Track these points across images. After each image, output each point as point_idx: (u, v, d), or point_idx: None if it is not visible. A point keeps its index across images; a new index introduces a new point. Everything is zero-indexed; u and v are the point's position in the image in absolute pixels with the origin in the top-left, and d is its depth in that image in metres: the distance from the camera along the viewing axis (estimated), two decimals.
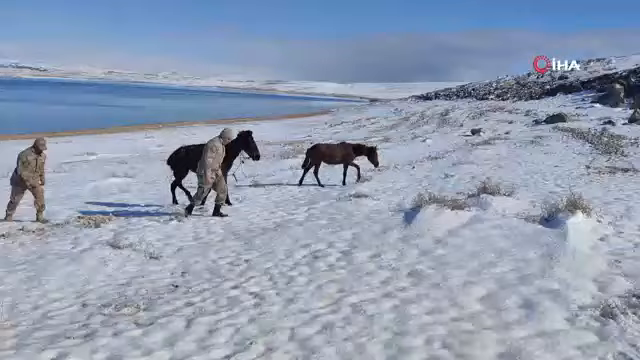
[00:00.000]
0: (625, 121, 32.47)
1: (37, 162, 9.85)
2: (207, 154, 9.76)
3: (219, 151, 9.86)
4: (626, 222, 8.33)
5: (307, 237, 8.24)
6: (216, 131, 9.50)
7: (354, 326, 4.89)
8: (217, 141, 9.90)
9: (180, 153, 11.78)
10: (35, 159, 9.81)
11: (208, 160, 9.75)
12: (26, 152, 9.84)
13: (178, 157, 11.71)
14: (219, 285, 6.32)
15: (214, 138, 10.02)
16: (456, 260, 6.70)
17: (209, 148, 9.80)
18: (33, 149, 9.86)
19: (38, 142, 9.93)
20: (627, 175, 13.30)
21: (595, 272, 5.98)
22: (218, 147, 9.85)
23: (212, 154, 9.76)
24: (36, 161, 9.83)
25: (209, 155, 9.75)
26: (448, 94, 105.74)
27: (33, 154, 9.82)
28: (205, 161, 9.77)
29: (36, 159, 9.83)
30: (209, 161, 9.75)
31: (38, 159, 9.87)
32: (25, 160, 9.72)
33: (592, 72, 77.36)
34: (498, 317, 4.90)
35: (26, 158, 9.73)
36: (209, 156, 9.74)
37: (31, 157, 9.77)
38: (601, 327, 4.55)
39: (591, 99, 55.32)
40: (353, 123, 55.87)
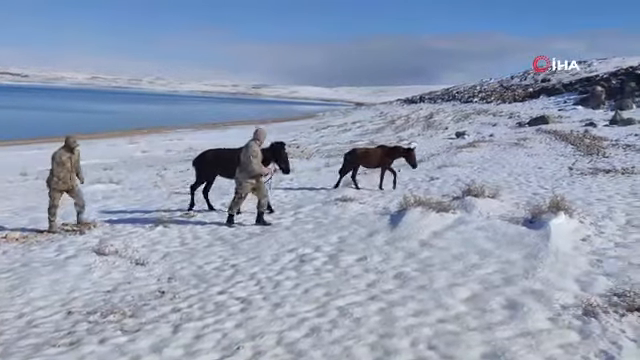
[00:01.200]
0: (606, 123, 32.95)
1: (71, 161, 9.53)
2: (251, 161, 9.13)
3: (259, 155, 9.32)
4: (607, 222, 8.47)
5: (294, 241, 8.26)
6: (203, 136, 9.31)
7: (341, 329, 4.92)
8: (255, 145, 9.30)
9: (208, 156, 11.23)
10: (69, 158, 9.48)
11: (254, 167, 9.18)
12: (59, 152, 9.48)
13: (205, 161, 11.18)
14: (206, 290, 6.32)
15: (250, 143, 9.34)
16: (441, 262, 6.77)
17: (251, 154, 9.16)
18: (65, 148, 9.51)
19: (69, 140, 9.55)
20: (609, 176, 13.50)
21: (577, 272, 6.08)
22: (258, 151, 9.28)
23: (256, 159, 9.17)
24: (70, 160, 9.50)
25: (254, 162, 9.15)
26: (433, 97, 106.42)
27: (66, 153, 9.47)
28: (250, 168, 9.18)
29: (70, 158, 9.50)
30: (255, 168, 9.19)
31: (72, 157, 9.54)
32: (60, 161, 9.39)
33: (574, 75, 78.36)
34: (483, 318, 4.97)
35: (60, 158, 9.40)
36: (254, 162, 9.15)
37: (65, 157, 9.43)
38: (583, 326, 4.63)
39: (573, 101, 56.05)
40: (339, 127, 56.00)
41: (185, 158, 27.62)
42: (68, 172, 9.47)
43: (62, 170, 9.39)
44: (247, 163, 9.20)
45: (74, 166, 9.61)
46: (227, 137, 42.41)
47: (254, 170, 9.22)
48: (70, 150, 9.51)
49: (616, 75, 62.55)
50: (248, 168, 9.21)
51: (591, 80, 65.68)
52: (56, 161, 9.39)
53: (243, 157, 9.29)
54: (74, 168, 9.62)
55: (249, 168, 9.20)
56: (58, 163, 9.38)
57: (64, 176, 9.42)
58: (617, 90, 54.01)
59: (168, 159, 27.44)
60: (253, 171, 9.23)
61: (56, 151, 9.53)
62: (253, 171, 9.23)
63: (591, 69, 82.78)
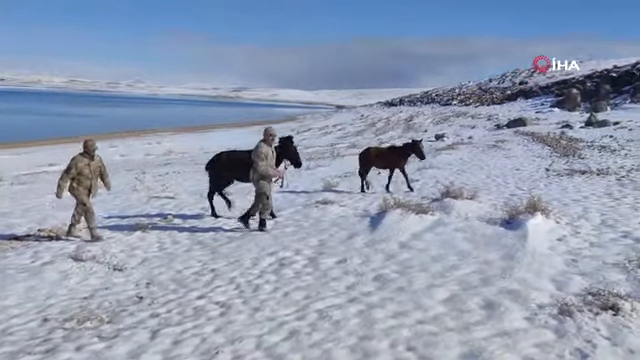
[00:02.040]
0: (582, 124, 33.56)
1: (90, 167, 8.85)
2: (258, 163, 8.97)
3: (269, 155, 9.12)
4: (583, 222, 8.61)
5: (274, 245, 8.25)
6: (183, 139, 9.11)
7: (320, 332, 4.92)
8: (264, 146, 9.10)
9: (221, 159, 10.76)
10: (88, 164, 8.83)
11: (261, 169, 8.98)
12: (77, 158, 8.82)
13: (218, 164, 10.69)
14: (185, 295, 6.27)
15: (259, 144, 9.17)
16: (420, 263, 6.81)
17: (258, 156, 9.00)
18: (83, 153, 8.84)
19: (87, 143, 8.84)
20: (584, 177, 13.73)
21: (553, 272, 6.17)
22: (267, 152, 9.08)
23: (263, 162, 8.99)
24: (89, 167, 8.84)
25: (261, 164, 8.97)
26: (413, 100, 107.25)
27: (85, 159, 8.82)
28: (258, 170, 9.00)
29: (89, 164, 8.83)
30: (262, 170, 8.99)
31: (92, 164, 8.87)
32: (71, 167, 8.75)
33: (550, 77, 79.55)
34: (461, 318, 5.01)
35: (77, 165, 8.74)
36: (261, 164, 8.97)
37: (83, 163, 8.79)
38: (559, 325, 4.69)
39: (550, 103, 56.97)
40: (320, 130, 56.15)
41: (165, 162, 27.44)
42: (88, 179, 8.86)
43: (81, 177, 8.80)
44: (255, 166, 9.03)
45: (95, 173, 8.96)
46: (207, 140, 42.22)
47: (261, 172, 9.01)
48: (89, 156, 8.87)
49: (591, 78, 63.72)
50: (256, 169, 9.01)
51: (567, 83, 66.81)
52: (68, 166, 8.82)
53: (253, 159, 9.08)
54: (95, 175, 8.99)
55: (257, 169, 9.00)
56: (69, 168, 8.76)
57: (83, 183, 8.81)
58: (592, 92, 55.05)
59: (147, 163, 27.18)
60: (263, 173, 9.02)
61: (73, 157, 8.90)
62: (263, 173, 9.02)
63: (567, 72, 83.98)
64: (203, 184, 16.18)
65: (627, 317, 4.72)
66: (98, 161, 9.06)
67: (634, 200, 10.27)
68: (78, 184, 8.83)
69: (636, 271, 5.99)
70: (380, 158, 13.51)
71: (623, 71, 62.05)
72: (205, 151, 34.57)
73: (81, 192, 8.86)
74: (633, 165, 15.24)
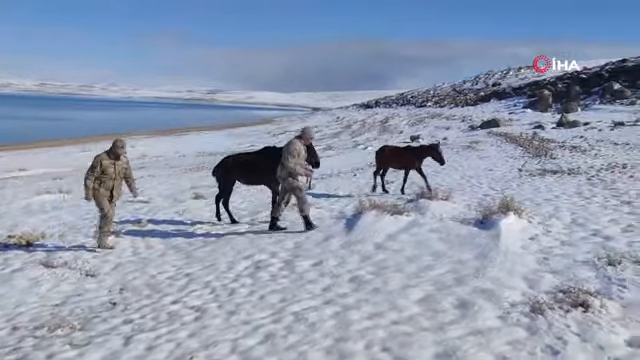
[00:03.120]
0: (554, 125, 34.20)
1: (115, 169, 8.36)
2: (289, 159, 8.68)
3: (302, 154, 8.81)
4: (554, 221, 8.75)
5: (249, 248, 8.21)
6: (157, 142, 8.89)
7: (296, 334, 4.91)
8: (297, 143, 8.83)
9: (227, 163, 10.50)
10: (112, 164, 8.31)
11: (290, 165, 8.68)
12: (101, 156, 8.33)
13: (224, 168, 10.39)
14: (159, 300, 6.20)
15: (293, 140, 8.92)
16: (395, 264, 6.85)
17: (289, 152, 8.70)
18: (109, 152, 8.36)
19: (116, 144, 8.34)
20: (556, 177, 13.98)
21: (525, 270, 6.26)
22: (300, 150, 8.79)
23: (294, 159, 8.69)
24: (114, 167, 8.34)
25: (291, 160, 8.67)
26: (388, 102, 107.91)
27: (109, 159, 8.31)
28: (287, 166, 8.71)
29: (114, 165, 8.32)
30: (291, 166, 8.69)
31: (117, 165, 8.37)
32: (95, 165, 8.21)
33: (523, 79, 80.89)
34: (435, 318, 5.04)
35: (100, 164, 8.22)
36: (291, 161, 8.67)
37: (108, 162, 8.27)
38: (530, 322, 4.75)
39: (523, 104, 57.91)
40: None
41: (139, 166, 27.11)
42: (111, 180, 8.34)
43: (104, 177, 8.28)
44: (285, 163, 8.73)
45: (119, 175, 8.47)
46: (182, 143, 41.86)
47: (292, 169, 8.71)
48: (115, 156, 8.38)
49: (562, 79, 64.92)
50: (286, 166, 8.73)
51: (539, 84, 67.97)
52: (92, 165, 8.32)
53: (283, 154, 8.83)
54: (120, 178, 8.50)
55: (287, 167, 8.72)
56: (93, 167, 8.28)
57: (105, 183, 8.30)
58: (563, 93, 56.11)
59: None
60: (291, 170, 8.72)
61: (97, 155, 8.43)
62: (291, 170, 8.72)
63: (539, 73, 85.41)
64: (178, 187, 16.11)
65: (596, 314, 4.81)
66: (125, 162, 8.56)
67: (603, 199, 10.49)
68: (100, 184, 8.33)
69: (605, 268, 6.11)
70: (395, 157, 13.29)
71: (592, 73, 63.40)
72: (180, 154, 34.31)
73: (102, 194, 8.35)
74: (602, 165, 15.57)
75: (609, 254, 6.51)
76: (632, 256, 6.42)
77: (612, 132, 26.75)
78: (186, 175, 20.98)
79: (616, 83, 52.48)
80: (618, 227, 8.19)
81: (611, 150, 19.37)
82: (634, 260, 6.26)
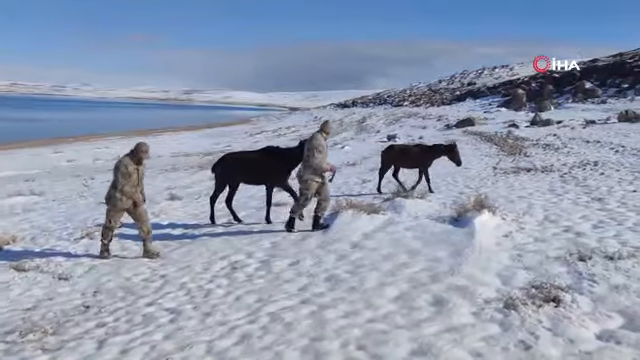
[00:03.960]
0: (527, 124, 34.72)
1: (139, 173, 7.89)
2: (314, 155, 8.29)
3: (325, 149, 8.44)
4: (528, 218, 8.88)
5: (226, 249, 8.16)
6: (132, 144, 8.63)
7: (272, 335, 4.90)
8: (320, 138, 8.43)
9: (225, 161, 10.09)
10: (136, 170, 7.82)
11: (315, 161, 8.28)
12: (125, 161, 7.77)
13: (223, 166, 9.96)
14: (133, 303, 6.13)
15: (315, 135, 8.53)
16: (371, 263, 6.88)
17: (315, 148, 8.31)
18: (132, 156, 7.83)
19: (140, 148, 7.77)
20: (530, 174, 14.19)
21: (499, 267, 6.34)
22: (324, 145, 8.42)
23: (320, 154, 8.31)
24: (137, 172, 7.85)
25: (318, 156, 8.27)
26: (365, 102, 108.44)
27: (133, 164, 7.80)
28: (312, 163, 8.32)
29: (137, 170, 7.84)
30: (317, 162, 8.28)
31: (139, 170, 7.91)
32: (125, 171, 7.69)
33: (497, 78, 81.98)
34: (410, 316, 5.08)
35: (126, 168, 7.70)
36: (318, 157, 8.28)
37: (132, 167, 7.75)
38: (504, 318, 4.82)
39: (497, 103, 58.70)
40: (274, 132, 56.01)
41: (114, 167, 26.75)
42: (134, 186, 7.83)
43: (127, 183, 7.75)
44: (310, 157, 8.33)
45: (141, 181, 8.06)
46: (158, 144, 41.40)
47: (318, 166, 8.35)
48: (138, 160, 7.87)
49: (535, 78, 65.99)
50: (311, 163, 8.35)
51: (513, 83, 69.00)
52: (121, 171, 7.71)
53: (306, 151, 8.45)
54: (141, 184, 8.07)
55: (312, 163, 8.34)
56: (123, 174, 7.70)
57: (128, 191, 7.77)
58: (537, 92, 57.03)
59: (96, 168, 26.41)
60: (317, 167, 8.36)
61: (121, 159, 7.86)
62: (317, 167, 8.36)
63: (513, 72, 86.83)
64: (152, 188, 15.91)
65: (568, 308, 4.90)
66: (143, 168, 8.09)
67: (575, 196, 10.69)
68: (123, 193, 7.82)
69: (576, 264, 6.22)
70: (406, 156, 12.83)
71: (565, 72, 64.51)
72: (156, 155, 33.93)
73: (124, 204, 7.85)
74: (575, 162, 15.86)
75: (580, 250, 6.65)
76: (602, 251, 6.55)
77: (584, 130, 27.25)
78: (162, 176, 20.76)
79: (587, 82, 53.52)
80: (589, 223, 8.36)
81: (583, 148, 19.74)
82: (604, 255, 6.38)
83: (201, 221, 10.41)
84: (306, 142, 8.70)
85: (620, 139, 21.39)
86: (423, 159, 12.57)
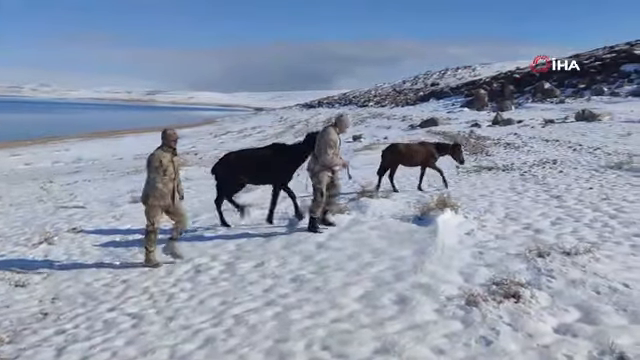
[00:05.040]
0: (489, 123, 35.44)
1: (174, 165, 7.14)
2: (325, 151, 7.98)
3: (337, 144, 8.11)
4: (489, 216, 9.07)
5: (189, 251, 8.03)
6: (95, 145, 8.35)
7: (236, 337, 4.87)
8: (333, 132, 8.09)
9: (229, 159, 9.47)
10: (171, 162, 7.07)
11: (327, 158, 7.99)
12: (158, 154, 7.01)
13: (226, 165, 9.35)
14: (94, 309, 6.00)
15: (328, 129, 8.17)
16: (336, 263, 6.89)
17: (327, 143, 7.99)
18: (165, 147, 7.06)
19: (170, 136, 7.07)
20: (491, 173, 14.49)
21: (461, 264, 6.45)
22: (337, 139, 8.07)
23: (332, 150, 7.99)
24: (173, 164, 7.10)
25: (329, 152, 7.97)
26: (331, 102, 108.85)
27: (168, 155, 7.04)
28: (323, 158, 8.03)
29: (172, 161, 7.09)
30: (329, 158, 8.00)
31: (175, 161, 7.16)
32: (159, 165, 6.95)
33: (460, 78, 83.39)
34: (375, 314, 5.12)
35: (160, 162, 6.96)
36: (330, 152, 7.97)
37: (166, 159, 7.00)
38: (465, 315, 4.91)
39: (460, 103, 59.73)
40: (239, 132, 55.64)
41: (74, 170, 26.14)
42: (170, 181, 7.08)
43: (163, 178, 7.01)
44: (322, 153, 8.02)
45: (178, 172, 7.24)
46: (120, 146, 40.64)
47: (329, 162, 8.06)
48: (172, 150, 7.14)
49: (497, 79, 67.44)
50: (322, 158, 8.05)
51: (475, 83, 70.32)
52: (154, 166, 6.98)
53: (317, 145, 8.15)
54: (178, 176, 7.26)
55: (323, 159, 8.04)
56: (157, 169, 6.96)
57: (163, 187, 7.03)
58: (498, 93, 58.28)
59: (55, 171, 25.74)
60: (328, 163, 8.07)
61: (153, 153, 7.08)
62: (328, 163, 8.07)
63: (475, 73, 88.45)
64: (115, 191, 15.62)
65: (527, 304, 5.02)
66: (179, 157, 7.41)
67: (535, 194, 10.95)
68: (150, 185, 7.12)
69: (536, 260, 6.37)
70: (411, 154, 12.60)
71: (525, 73, 66.14)
72: (118, 157, 33.30)
73: (162, 199, 7.12)
74: (534, 161, 16.26)
75: (539, 246, 6.82)
76: (560, 247, 6.74)
77: (543, 129, 27.94)
78: (124, 178, 20.36)
79: (546, 83, 54.98)
80: (548, 220, 8.59)
81: (542, 147, 20.25)
82: (562, 251, 6.57)
83: (164, 224, 10.24)
84: (317, 136, 8.34)
85: (577, 138, 22.02)
86: (430, 155, 12.55)
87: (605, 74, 54.27)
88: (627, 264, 6.13)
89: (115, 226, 10.44)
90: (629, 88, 46.77)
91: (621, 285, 5.38)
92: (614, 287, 5.33)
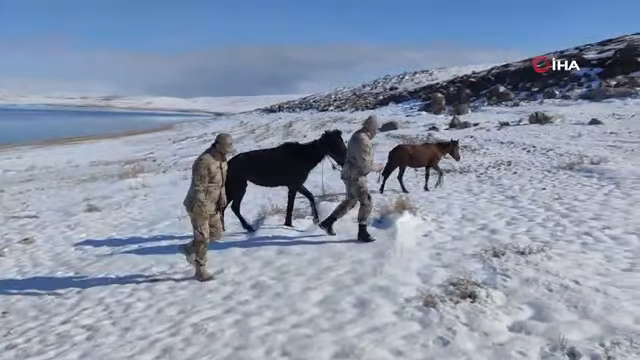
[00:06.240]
0: (447, 126, 36.07)
1: (222, 172, 6.70)
2: (363, 158, 7.66)
3: (371, 149, 7.82)
4: (446, 218, 9.23)
5: (147, 260, 7.89)
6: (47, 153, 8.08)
7: (195, 346, 4.79)
8: (366, 138, 7.78)
9: (238, 161, 8.93)
10: (220, 167, 6.64)
11: (365, 164, 7.69)
12: (206, 159, 6.52)
13: (235, 167, 8.34)
14: (47, 322, 5.82)
15: (360, 135, 7.83)
16: (296, 268, 6.88)
17: (362, 150, 7.67)
18: (213, 152, 6.62)
19: (225, 141, 6.59)
20: (448, 175, 14.71)
21: (419, 266, 6.53)
22: (370, 145, 7.77)
23: (368, 156, 7.69)
24: (221, 170, 6.68)
25: (366, 158, 7.67)
26: (292, 107, 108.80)
27: (216, 160, 6.59)
28: (362, 167, 7.70)
29: (221, 167, 6.66)
30: (367, 165, 7.70)
31: (223, 168, 6.72)
32: (205, 172, 6.48)
33: (418, 83, 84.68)
34: (334, 318, 5.12)
35: (207, 169, 6.50)
36: (366, 159, 7.68)
37: (215, 166, 6.57)
38: (424, 316, 4.96)
39: (418, 107, 60.66)
40: (199, 138, 54.91)
41: (27, 178, 25.27)
42: (218, 188, 6.67)
43: (209, 185, 6.57)
44: (358, 160, 7.74)
45: (224, 179, 6.80)
46: (75, 153, 39.55)
47: (367, 169, 7.80)
48: (221, 156, 6.70)
49: (454, 83, 68.84)
50: (360, 166, 7.76)
51: (433, 87, 71.56)
52: (200, 173, 6.49)
53: (353, 152, 7.82)
54: (224, 182, 6.81)
55: (361, 166, 7.75)
56: (202, 176, 6.48)
57: (208, 195, 6.57)
58: (455, 96, 59.45)
59: (7, 180, 24.83)
60: (367, 170, 7.81)
61: (200, 157, 6.60)
62: (367, 170, 7.81)
63: (432, 77, 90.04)
64: (70, 200, 15.19)
65: (483, 303, 5.12)
66: (226, 164, 6.92)
67: (490, 195, 11.21)
68: (205, 196, 6.60)
69: (491, 260, 6.51)
70: (418, 155, 12.73)
71: (480, 77, 67.75)
72: (73, 164, 32.40)
73: (207, 210, 6.61)
74: (490, 162, 16.64)
75: (494, 246, 6.98)
76: (514, 247, 6.90)
77: (498, 132, 28.63)
78: (79, 186, 19.81)
79: (501, 86, 56.47)
80: (503, 220, 8.81)
81: (498, 149, 20.76)
82: (516, 251, 6.73)
83: (121, 232, 10.04)
84: (349, 143, 8.02)
85: (531, 140, 22.65)
86: (436, 156, 12.83)
87: (556, 78, 56.09)
88: (578, 262, 6.33)
89: (69, 236, 10.16)
90: (579, 91, 48.45)
91: (572, 282, 5.54)
92: (565, 284, 5.49)
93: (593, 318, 4.67)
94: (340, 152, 8.63)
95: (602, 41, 69.20)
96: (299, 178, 8.94)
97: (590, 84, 50.51)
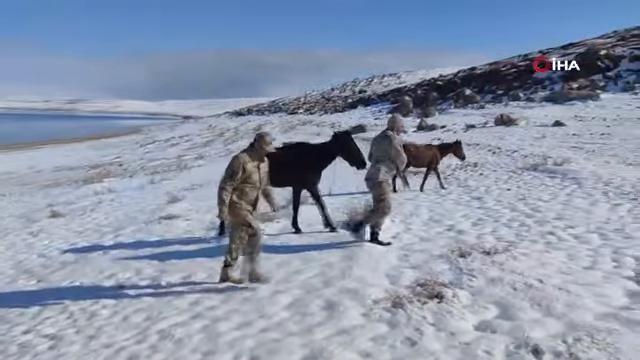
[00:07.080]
0: (415, 129, 36.45)
1: (260, 172, 6.24)
2: (399, 153, 7.44)
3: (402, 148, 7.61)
4: (414, 219, 9.32)
5: (112, 267, 7.74)
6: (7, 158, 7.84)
7: (161, 353, 4.73)
8: (397, 136, 7.54)
9: None
10: (257, 168, 6.18)
11: (402, 159, 7.50)
12: (242, 158, 6.08)
13: None
14: (8, 332, 5.67)
15: (389, 133, 7.57)
16: (265, 271, 6.80)
17: (395, 146, 7.41)
18: (251, 152, 6.20)
19: (264, 140, 6.17)
20: (417, 177, 14.87)
21: (388, 267, 6.57)
22: (400, 141, 7.58)
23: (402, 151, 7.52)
24: (259, 171, 6.21)
25: (402, 153, 7.50)
26: (261, 110, 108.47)
27: (253, 160, 6.16)
28: (400, 162, 7.51)
29: (258, 167, 6.20)
30: (404, 159, 7.55)
31: (262, 167, 6.26)
32: (240, 170, 6.01)
33: (386, 86, 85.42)
34: (303, 322, 5.12)
35: (243, 167, 6.03)
36: (402, 155, 7.49)
37: (251, 165, 6.10)
38: (391, 317, 5.00)
39: (387, 110, 61.11)
40: (166, 141, 54.26)
41: None
42: (255, 189, 6.21)
43: (247, 186, 6.13)
44: (395, 157, 7.49)
45: (263, 182, 6.33)
46: (38, 159, 38.60)
47: (404, 163, 7.63)
48: (260, 157, 6.25)
49: (421, 85, 69.69)
50: (398, 163, 7.55)
51: (401, 90, 72.29)
52: (231, 169, 6.05)
53: (389, 150, 7.50)
54: (263, 185, 6.37)
55: (399, 162, 7.55)
56: (234, 173, 6.05)
57: (247, 195, 6.16)
58: (422, 99, 60.19)
59: None
60: (402, 164, 7.64)
61: (237, 156, 6.17)
62: (402, 164, 7.64)
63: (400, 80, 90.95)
64: (32, 206, 14.82)
65: (449, 303, 5.19)
66: (266, 164, 6.42)
67: (457, 196, 11.39)
68: (240, 197, 6.14)
69: (458, 260, 6.60)
70: (420, 155, 12.82)
71: (447, 80, 68.74)
72: (35, 170, 31.61)
73: (242, 209, 6.14)
74: (457, 164, 16.85)
75: (461, 247, 7.09)
76: (480, 247, 7.03)
77: (465, 134, 29.09)
78: (42, 192, 19.35)
79: (468, 89, 57.40)
80: (469, 221, 8.94)
81: (464, 150, 21.04)
82: (482, 251, 6.85)
83: (86, 238, 9.83)
84: (378, 142, 7.75)
85: (497, 141, 23.08)
86: (433, 159, 12.98)
87: (521, 81, 57.34)
88: (541, 261, 6.47)
89: (32, 243, 9.90)
90: (543, 94, 49.59)
91: (536, 281, 5.66)
92: (529, 283, 5.61)
93: (556, 316, 4.78)
94: (351, 153, 8.40)
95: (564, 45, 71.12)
96: (309, 179, 8.64)
97: (553, 87, 51.76)
